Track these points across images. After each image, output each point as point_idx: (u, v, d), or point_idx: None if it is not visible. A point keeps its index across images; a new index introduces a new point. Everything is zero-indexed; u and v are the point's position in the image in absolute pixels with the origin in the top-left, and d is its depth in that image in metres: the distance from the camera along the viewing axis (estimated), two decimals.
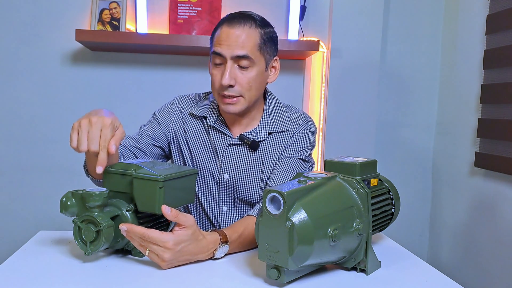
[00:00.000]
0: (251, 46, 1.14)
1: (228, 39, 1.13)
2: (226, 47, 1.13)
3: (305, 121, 1.28)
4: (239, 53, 1.13)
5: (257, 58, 1.16)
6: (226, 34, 1.14)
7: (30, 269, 0.88)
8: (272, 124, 1.25)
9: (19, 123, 2.01)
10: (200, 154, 1.27)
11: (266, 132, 1.24)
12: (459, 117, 1.99)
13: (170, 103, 1.33)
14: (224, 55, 1.14)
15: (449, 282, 0.90)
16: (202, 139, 1.27)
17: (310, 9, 2.06)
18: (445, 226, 2.09)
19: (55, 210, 1.95)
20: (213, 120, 1.25)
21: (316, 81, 2.09)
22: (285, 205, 0.78)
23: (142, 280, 0.86)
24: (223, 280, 0.87)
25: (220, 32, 1.16)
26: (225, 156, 1.24)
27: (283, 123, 1.26)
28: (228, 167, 1.24)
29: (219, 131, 1.25)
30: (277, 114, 1.28)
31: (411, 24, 2.15)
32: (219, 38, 1.15)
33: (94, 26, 1.90)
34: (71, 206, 0.92)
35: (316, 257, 0.82)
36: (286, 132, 1.26)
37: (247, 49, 1.13)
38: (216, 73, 1.17)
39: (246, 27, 1.15)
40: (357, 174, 0.92)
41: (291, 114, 1.29)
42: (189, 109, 1.30)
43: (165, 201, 0.93)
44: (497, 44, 1.72)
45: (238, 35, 1.13)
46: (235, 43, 1.13)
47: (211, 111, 1.27)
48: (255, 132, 1.25)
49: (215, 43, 1.16)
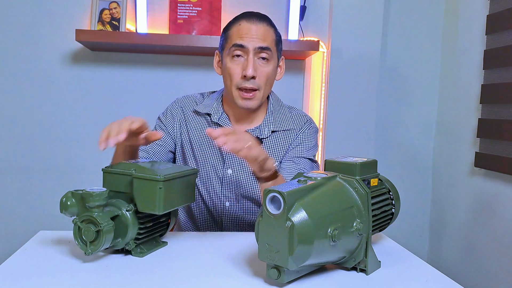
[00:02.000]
0: (271, 41, 1.21)
1: (250, 32, 1.19)
2: (249, 39, 1.18)
3: (308, 122, 1.33)
4: (262, 45, 1.19)
5: (273, 54, 1.22)
6: (248, 28, 1.19)
7: (30, 269, 0.88)
8: (276, 123, 1.29)
9: (19, 123, 2.01)
10: (203, 150, 1.29)
11: (269, 130, 1.28)
12: (459, 117, 1.99)
13: (172, 104, 1.35)
14: (247, 46, 1.18)
15: (449, 282, 0.90)
16: (203, 134, 1.29)
17: (310, 9, 2.06)
18: (445, 226, 2.09)
19: (55, 210, 1.95)
20: (217, 117, 1.28)
21: (316, 81, 2.08)
22: (285, 205, 0.78)
23: (142, 280, 0.86)
24: (223, 280, 0.87)
25: (240, 27, 1.20)
26: (229, 152, 1.25)
27: (286, 122, 1.30)
28: (232, 162, 1.27)
29: (223, 127, 1.26)
30: (279, 113, 1.32)
31: (411, 24, 2.15)
32: (240, 32, 1.19)
33: (94, 26, 1.90)
34: (71, 206, 0.92)
35: (316, 257, 0.82)
36: (290, 131, 1.30)
37: (268, 42, 1.20)
38: (235, 67, 1.20)
39: (265, 24, 1.21)
40: (357, 174, 0.92)
41: (294, 114, 1.33)
42: (192, 107, 1.32)
43: (165, 201, 0.93)
44: (497, 44, 1.72)
45: (259, 29, 1.19)
46: (258, 36, 1.19)
47: (215, 108, 1.30)
48: (258, 129, 1.28)
49: (234, 37, 1.20)
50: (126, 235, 0.94)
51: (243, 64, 1.19)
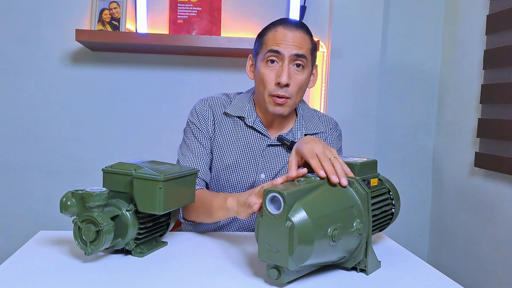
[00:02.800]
0: (306, 49, 1.19)
1: (286, 38, 1.16)
2: (285, 46, 1.16)
3: (335, 125, 1.37)
4: (298, 52, 1.16)
5: (308, 62, 1.20)
6: (284, 34, 1.17)
7: (30, 269, 0.88)
8: (307, 126, 1.31)
9: (19, 123, 2.01)
10: (233, 153, 1.26)
11: (302, 133, 1.29)
12: (459, 117, 1.99)
13: (199, 104, 1.31)
14: (283, 53, 1.16)
15: (449, 282, 0.90)
16: (236, 138, 1.27)
17: (310, 9, 2.06)
18: (445, 226, 2.09)
19: (55, 210, 1.96)
20: (252, 121, 1.26)
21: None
22: (285, 205, 0.78)
23: (142, 280, 0.86)
24: (223, 280, 0.87)
25: (276, 33, 1.18)
26: (263, 156, 1.26)
27: (316, 126, 1.32)
28: (266, 167, 1.26)
29: (258, 131, 1.27)
30: (309, 116, 1.34)
31: (411, 24, 2.15)
32: (276, 37, 1.17)
33: (94, 26, 1.90)
34: (71, 206, 0.92)
35: (316, 257, 0.82)
36: (320, 134, 1.32)
37: (304, 50, 1.17)
38: (269, 73, 1.18)
39: (302, 31, 1.19)
40: (357, 174, 0.92)
41: (321, 117, 1.36)
42: (220, 109, 1.29)
43: (165, 201, 0.93)
44: (497, 44, 1.72)
45: (296, 36, 1.17)
46: (294, 43, 1.16)
47: (248, 111, 1.28)
48: (291, 133, 1.28)
49: (270, 43, 1.18)
50: (126, 235, 0.94)
51: (277, 71, 1.17)
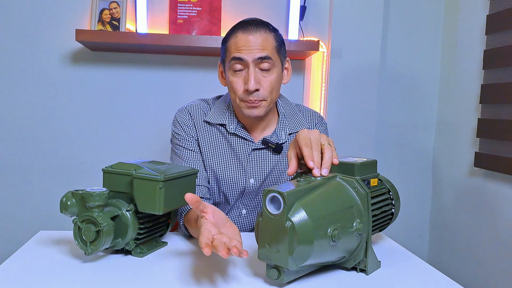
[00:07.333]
0: (270, 49, 1.16)
1: (247, 43, 1.14)
2: (247, 51, 1.13)
3: (320, 119, 1.34)
4: (261, 55, 1.14)
5: (276, 60, 1.17)
6: (245, 40, 1.14)
7: (30, 269, 0.88)
8: (291, 125, 1.28)
9: (19, 123, 2.01)
10: (219, 162, 1.25)
11: (286, 133, 1.27)
12: (459, 117, 1.99)
13: (179, 114, 1.28)
14: (245, 59, 1.14)
15: (449, 282, 0.90)
16: (219, 146, 1.25)
17: (310, 9, 2.06)
18: (445, 226, 2.09)
19: (55, 210, 1.96)
20: (233, 127, 1.24)
21: (316, 81, 2.09)
22: (285, 205, 0.78)
23: (142, 280, 0.86)
24: (223, 280, 0.87)
25: (237, 39, 1.15)
26: (250, 161, 1.25)
27: (300, 123, 1.29)
28: (254, 171, 1.25)
29: (241, 137, 1.25)
30: (291, 114, 1.31)
31: (411, 24, 2.15)
32: (237, 44, 1.15)
33: (94, 26, 1.90)
34: (71, 206, 0.92)
35: (316, 257, 0.82)
36: None
37: (268, 51, 1.15)
38: (237, 80, 1.16)
39: (262, 32, 1.16)
40: (357, 174, 0.92)
41: (304, 112, 1.33)
42: (202, 117, 1.27)
43: (165, 201, 0.93)
44: (497, 44, 1.72)
45: (256, 39, 1.14)
46: (256, 47, 1.14)
47: (228, 117, 1.26)
48: (275, 135, 1.26)
49: (232, 50, 1.16)
50: (126, 235, 0.94)
51: (244, 77, 1.15)
